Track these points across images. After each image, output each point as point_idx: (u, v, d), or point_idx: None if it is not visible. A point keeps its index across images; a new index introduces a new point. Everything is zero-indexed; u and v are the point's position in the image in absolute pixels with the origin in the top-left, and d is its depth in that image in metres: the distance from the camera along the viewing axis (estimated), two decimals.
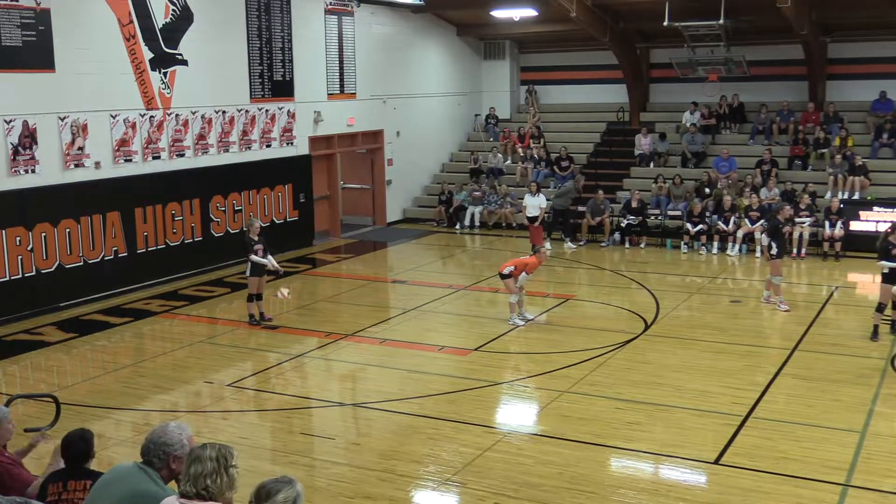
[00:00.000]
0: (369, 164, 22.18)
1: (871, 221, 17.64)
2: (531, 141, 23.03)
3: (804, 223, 17.73)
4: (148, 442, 4.39)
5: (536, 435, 8.94)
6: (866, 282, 15.68)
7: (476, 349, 11.86)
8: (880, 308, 11.98)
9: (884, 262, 11.97)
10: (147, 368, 11.37)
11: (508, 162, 23.25)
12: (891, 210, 17.67)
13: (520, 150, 23.02)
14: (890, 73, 20.63)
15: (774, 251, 13.58)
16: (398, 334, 12.69)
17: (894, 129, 19.93)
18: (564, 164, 21.77)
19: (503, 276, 12.91)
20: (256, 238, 13.09)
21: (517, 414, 9.87)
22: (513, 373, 11.19)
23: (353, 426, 9.56)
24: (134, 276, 15.28)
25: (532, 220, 18.67)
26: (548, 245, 18.23)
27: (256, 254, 13.01)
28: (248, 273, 13.21)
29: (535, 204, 18.74)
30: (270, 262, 13.17)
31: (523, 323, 12.96)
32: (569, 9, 19.57)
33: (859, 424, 8.96)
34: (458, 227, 21.65)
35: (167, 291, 15.36)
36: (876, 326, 11.98)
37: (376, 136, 21.73)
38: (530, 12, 21.16)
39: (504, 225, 21.44)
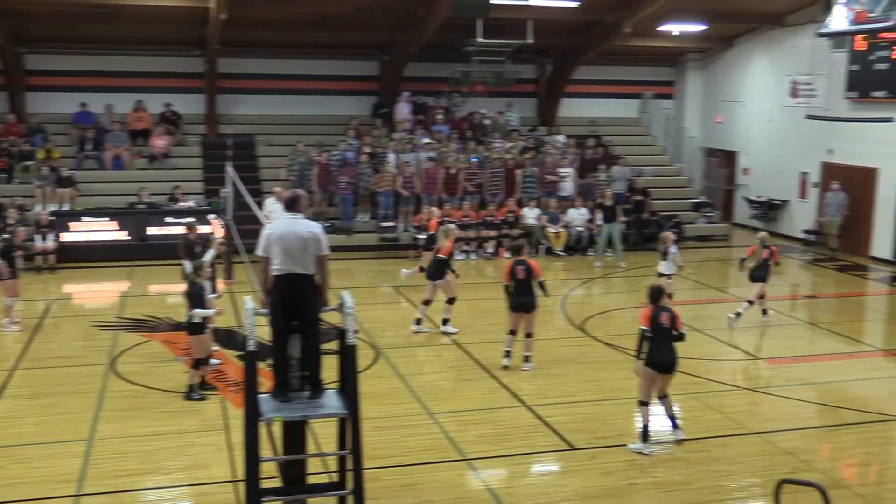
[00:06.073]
0: None
1: (84, 231, 17.97)
2: None
3: None
4: None
5: None
6: (82, 292, 16.04)
7: None
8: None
9: (196, 311, 10.00)
10: None
11: None
12: (103, 219, 18.20)
13: None
14: (90, 87, 21.24)
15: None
16: None
17: (97, 141, 20.59)
18: None
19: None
20: None
21: None
22: None
23: None
24: None
25: None
26: None
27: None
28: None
29: None
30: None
31: None
32: None
33: (86, 432, 9.04)
34: None
35: None
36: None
37: None
38: None
39: None
